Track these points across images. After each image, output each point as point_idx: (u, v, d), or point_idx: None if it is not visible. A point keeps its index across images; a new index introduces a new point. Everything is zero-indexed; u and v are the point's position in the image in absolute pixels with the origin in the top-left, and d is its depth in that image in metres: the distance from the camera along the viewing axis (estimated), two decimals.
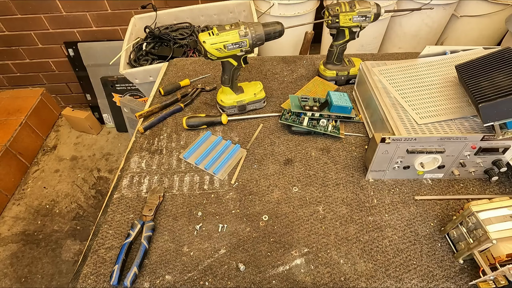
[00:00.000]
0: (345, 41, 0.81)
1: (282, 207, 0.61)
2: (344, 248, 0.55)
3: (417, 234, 0.57)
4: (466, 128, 0.57)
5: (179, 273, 0.52)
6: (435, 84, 0.66)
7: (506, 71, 0.52)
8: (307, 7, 1.57)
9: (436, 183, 0.64)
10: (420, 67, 0.71)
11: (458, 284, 0.50)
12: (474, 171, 0.62)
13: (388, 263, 0.53)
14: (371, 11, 0.75)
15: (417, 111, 0.61)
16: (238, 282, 0.51)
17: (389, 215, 0.59)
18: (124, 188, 0.65)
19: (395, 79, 0.69)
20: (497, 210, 0.48)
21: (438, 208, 0.60)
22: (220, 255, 0.54)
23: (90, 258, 0.54)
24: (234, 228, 0.58)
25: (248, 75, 0.94)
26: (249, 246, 0.55)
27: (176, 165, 0.69)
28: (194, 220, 0.59)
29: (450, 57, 0.73)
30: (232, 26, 0.66)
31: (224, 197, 0.63)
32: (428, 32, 1.84)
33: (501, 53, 0.56)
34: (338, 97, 0.74)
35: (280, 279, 0.51)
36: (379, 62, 0.75)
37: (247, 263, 0.53)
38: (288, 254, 0.54)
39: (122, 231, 0.58)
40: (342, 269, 0.53)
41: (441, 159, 0.59)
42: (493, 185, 0.64)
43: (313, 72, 0.94)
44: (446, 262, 0.53)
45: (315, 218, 0.59)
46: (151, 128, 0.78)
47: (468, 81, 0.56)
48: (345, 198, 0.62)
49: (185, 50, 1.44)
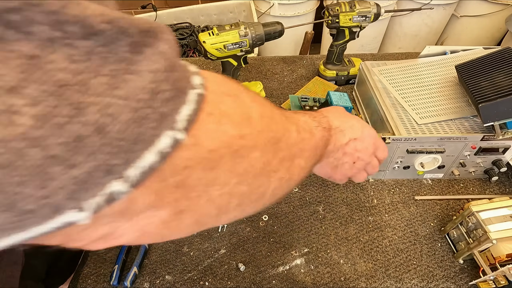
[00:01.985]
0: (345, 41, 0.81)
1: (282, 207, 0.61)
2: (344, 248, 0.55)
3: (417, 234, 0.57)
4: (466, 128, 0.57)
5: (179, 273, 0.52)
6: (435, 84, 0.66)
7: (506, 71, 0.52)
8: (307, 7, 1.57)
9: (436, 183, 0.64)
10: (420, 67, 0.71)
11: (458, 284, 0.50)
12: (474, 171, 0.62)
13: (388, 263, 0.53)
14: (371, 11, 0.75)
15: (417, 111, 0.61)
16: (238, 282, 0.51)
17: (389, 215, 0.59)
18: None
19: (395, 79, 0.69)
20: (497, 210, 0.48)
21: (438, 208, 0.60)
22: (220, 255, 0.54)
23: (90, 258, 0.54)
24: (234, 228, 0.58)
25: (248, 75, 0.94)
26: (249, 246, 0.55)
27: None
28: None
29: (450, 57, 0.73)
30: (232, 26, 0.66)
31: None
32: (428, 32, 1.84)
33: (501, 53, 0.56)
34: (338, 97, 0.74)
35: (280, 279, 0.52)
36: (379, 62, 0.75)
37: (247, 263, 0.53)
38: (288, 254, 0.54)
39: None
40: (342, 269, 0.53)
41: (441, 159, 0.59)
42: (493, 185, 0.64)
43: (313, 72, 0.94)
44: (446, 262, 0.53)
45: (315, 218, 0.59)
46: None
47: (468, 81, 0.56)
48: (345, 198, 0.62)
49: (185, 50, 1.44)
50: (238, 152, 0.20)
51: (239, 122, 0.20)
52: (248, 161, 0.21)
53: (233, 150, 0.20)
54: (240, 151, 0.20)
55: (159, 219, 0.18)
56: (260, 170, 0.23)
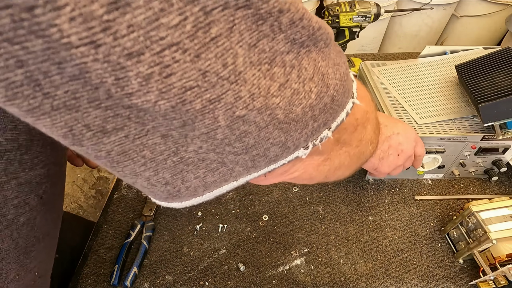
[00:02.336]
0: (345, 41, 0.81)
1: (282, 207, 0.61)
2: (344, 248, 0.55)
3: (417, 234, 0.57)
4: (466, 128, 0.57)
5: (179, 273, 0.52)
6: (435, 84, 0.66)
7: (506, 71, 0.52)
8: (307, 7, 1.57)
9: (436, 183, 0.64)
10: (420, 67, 0.71)
11: (458, 284, 0.50)
12: (474, 171, 0.62)
13: (388, 263, 0.53)
14: (371, 11, 0.75)
15: (417, 111, 0.61)
16: (238, 282, 0.51)
17: (389, 215, 0.59)
18: (124, 188, 0.65)
19: (395, 79, 0.69)
20: (497, 210, 0.48)
21: (438, 208, 0.60)
22: (220, 255, 0.54)
23: (90, 258, 0.54)
24: (234, 228, 0.58)
25: None
26: (249, 246, 0.55)
27: None
28: (194, 220, 0.59)
29: (450, 57, 0.73)
30: None
31: (224, 197, 0.63)
32: (428, 32, 1.84)
33: (501, 53, 0.56)
34: None
35: (280, 279, 0.52)
36: (379, 62, 0.75)
37: (247, 263, 0.53)
38: (288, 254, 0.54)
39: (122, 231, 0.58)
40: (342, 269, 0.53)
41: (441, 159, 0.59)
42: (493, 185, 0.64)
43: None
44: (446, 262, 0.53)
45: (315, 218, 0.59)
46: None
47: (468, 81, 0.56)
48: (345, 198, 0.62)
49: None
50: (364, 123, 0.28)
51: (367, 102, 0.28)
52: (365, 132, 0.29)
53: (363, 121, 0.27)
54: (365, 123, 0.28)
55: (316, 162, 0.26)
56: (367, 140, 0.31)
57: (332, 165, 0.28)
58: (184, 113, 0.15)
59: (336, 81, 0.20)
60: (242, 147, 0.18)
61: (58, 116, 0.14)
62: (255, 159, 0.19)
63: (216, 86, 0.14)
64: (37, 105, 0.13)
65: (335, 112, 0.21)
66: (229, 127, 0.16)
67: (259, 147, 0.18)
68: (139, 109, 0.14)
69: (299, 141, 0.20)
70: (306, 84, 0.18)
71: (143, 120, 0.15)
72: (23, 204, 0.30)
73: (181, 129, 0.16)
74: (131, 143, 0.16)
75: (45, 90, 0.13)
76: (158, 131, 0.16)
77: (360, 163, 0.34)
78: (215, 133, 0.16)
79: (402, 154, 0.47)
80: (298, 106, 0.18)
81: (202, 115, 0.15)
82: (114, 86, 0.13)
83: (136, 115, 0.14)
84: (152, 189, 0.20)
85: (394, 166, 0.48)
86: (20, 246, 0.31)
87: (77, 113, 0.14)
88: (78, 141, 0.15)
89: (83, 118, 0.14)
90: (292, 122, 0.18)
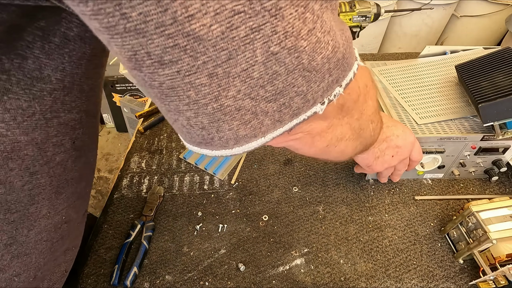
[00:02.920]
0: None
1: (282, 207, 0.61)
2: (344, 248, 0.55)
3: (417, 234, 0.57)
4: (466, 128, 0.57)
5: (179, 273, 0.52)
6: (435, 84, 0.66)
7: (506, 71, 0.52)
8: None
9: (436, 183, 0.64)
10: (420, 67, 0.71)
11: (458, 284, 0.50)
12: (474, 171, 0.62)
13: (388, 263, 0.53)
14: (371, 11, 0.75)
15: (417, 111, 0.61)
16: (238, 282, 0.51)
17: (389, 215, 0.59)
18: (124, 188, 0.65)
19: (395, 79, 0.69)
20: (497, 210, 0.48)
21: (438, 208, 0.60)
22: (220, 255, 0.54)
23: (90, 258, 0.54)
24: (234, 228, 0.58)
25: None
26: (249, 246, 0.55)
27: (176, 165, 0.69)
28: (194, 220, 0.59)
29: (450, 57, 0.73)
30: None
31: (224, 197, 0.63)
32: (428, 32, 1.84)
33: (501, 53, 0.56)
34: None
35: (280, 279, 0.52)
36: (379, 62, 0.75)
37: (247, 263, 0.53)
38: (288, 254, 0.54)
39: (122, 231, 0.58)
40: (342, 269, 0.53)
41: (441, 159, 0.59)
42: (493, 185, 0.64)
43: None
44: (446, 262, 0.53)
45: (315, 218, 0.59)
46: (151, 128, 0.78)
47: (468, 81, 0.56)
48: (345, 198, 0.62)
49: None
50: (365, 96, 0.30)
51: (367, 76, 0.30)
52: (366, 106, 0.31)
53: (364, 93, 0.29)
54: (366, 96, 0.30)
55: (320, 127, 0.28)
56: (368, 116, 0.33)
57: (334, 134, 0.30)
58: (230, 42, 0.16)
59: (343, 42, 0.22)
60: (273, 91, 0.20)
61: (128, 39, 0.16)
62: (282, 110, 0.21)
63: (258, 15, 0.16)
64: (114, 24, 0.15)
65: (345, 70, 0.23)
66: (264, 64, 0.18)
67: (286, 94, 0.20)
68: (196, 37, 0.16)
69: (317, 95, 0.22)
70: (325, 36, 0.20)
71: (196, 54, 0.17)
72: (59, 144, 0.31)
73: (226, 65, 0.17)
74: (181, 80, 0.18)
75: (123, 10, 0.14)
76: (206, 69, 0.17)
77: (360, 142, 0.36)
78: (252, 70, 0.18)
79: (397, 156, 0.48)
80: (319, 55, 0.20)
81: (244, 46, 0.17)
82: (181, 6, 0.15)
83: (191, 47, 0.16)
84: (190, 130, 0.22)
85: (387, 166, 0.50)
86: (53, 185, 0.32)
87: (143, 39, 0.16)
88: (139, 66, 0.17)
89: (147, 44, 0.16)
90: (313, 71, 0.20)
